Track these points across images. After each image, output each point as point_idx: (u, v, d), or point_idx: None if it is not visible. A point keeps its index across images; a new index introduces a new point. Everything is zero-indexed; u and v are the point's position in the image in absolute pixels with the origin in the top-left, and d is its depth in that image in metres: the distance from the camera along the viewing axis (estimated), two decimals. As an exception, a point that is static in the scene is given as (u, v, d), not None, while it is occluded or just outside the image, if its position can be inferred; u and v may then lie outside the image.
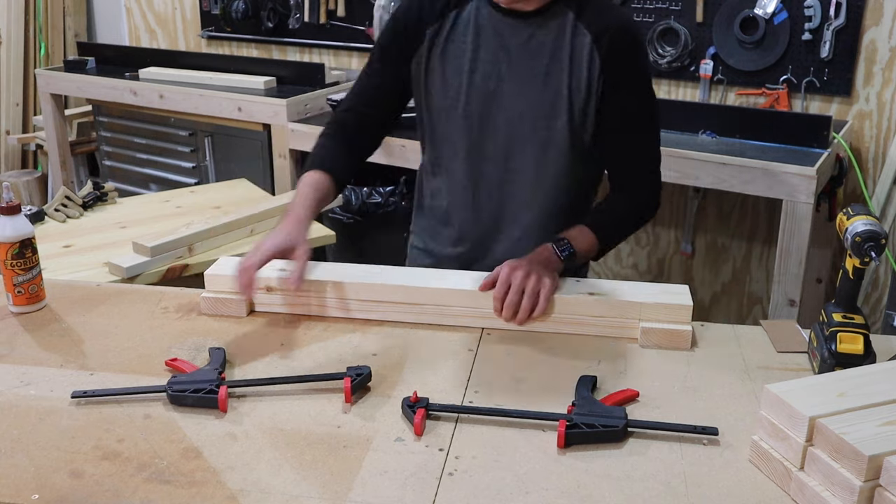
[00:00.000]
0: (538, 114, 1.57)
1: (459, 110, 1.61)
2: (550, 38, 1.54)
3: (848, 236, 1.27)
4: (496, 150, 1.63)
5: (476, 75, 1.58)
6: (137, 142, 3.77)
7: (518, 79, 1.56)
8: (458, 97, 1.60)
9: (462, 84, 1.59)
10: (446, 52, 1.60)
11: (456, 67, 1.59)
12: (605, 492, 1.06)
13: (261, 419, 1.21)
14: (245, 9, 3.90)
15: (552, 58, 1.54)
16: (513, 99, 1.57)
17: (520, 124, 1.59)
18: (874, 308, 2.97)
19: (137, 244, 2.04)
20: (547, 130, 1.58)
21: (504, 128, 1.60)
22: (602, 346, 1.43)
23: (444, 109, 1.63)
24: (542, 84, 1.55)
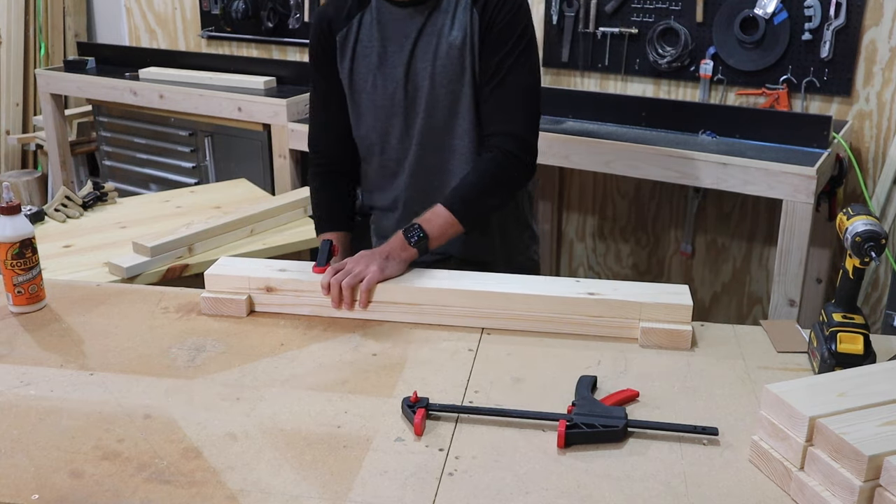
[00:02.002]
0: (444, 80, 1.67)
1: (377, 101, 1.72)
2: (441, 16, 1.66)
3: (848, 236, 1.27)
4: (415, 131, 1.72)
5: (386, 66, 1.70)
6: (137, 142, 3.77)
7: (419, 57, 1.68)
8: (374, 90, 1.71)
9: (376, 77, 1.71)
10: (356, 52, 1.72)
11: (368, 64, 1.71)
12: (605, 492, 1.06)
13: (260, 419, 1.21)
14: (245, 9, 3.90)
15: (442, 31, 1.66)
16: (418, 77, 1.68)
17: (432, 95, 1.68)
18: (874, 308, 2.97)
19: (137, 244, 2.04)
20: (449, 96, 1.68)
21: (418, 108, 1.70)
22: (602, 346, 1.43)
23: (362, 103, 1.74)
24: (446, 57, 1.66)
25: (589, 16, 3.14)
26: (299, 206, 2.41)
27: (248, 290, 1.54)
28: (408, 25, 1.67)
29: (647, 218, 3.34)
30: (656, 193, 3.27)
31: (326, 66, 1.75)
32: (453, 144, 1.73)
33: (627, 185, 3.31)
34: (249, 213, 2.28)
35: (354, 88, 1.74)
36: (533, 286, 1.50)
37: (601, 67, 3.19)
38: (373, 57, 1.70)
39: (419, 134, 1.73)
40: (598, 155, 2.63)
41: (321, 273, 1.54)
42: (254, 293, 1.54)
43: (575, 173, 3.36)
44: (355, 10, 1.72)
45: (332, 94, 1.78)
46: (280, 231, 2.32)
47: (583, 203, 3.45)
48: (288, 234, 2.31)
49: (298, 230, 2.34)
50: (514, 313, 1.47)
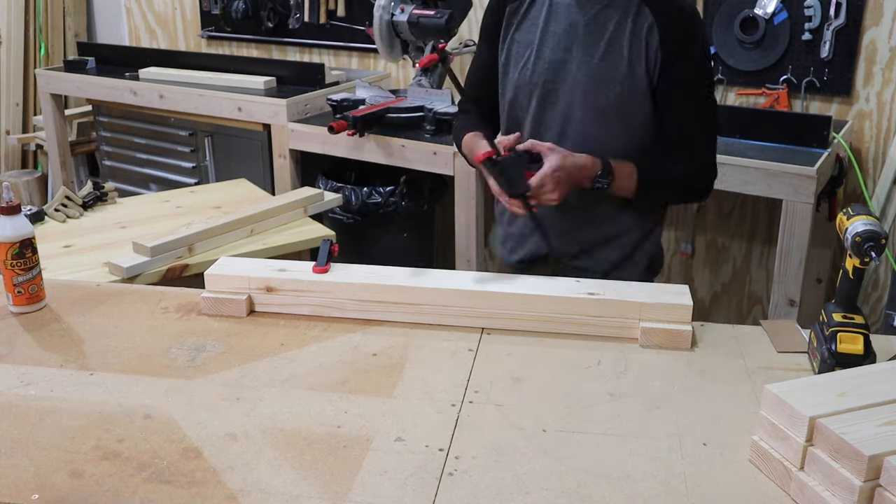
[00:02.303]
0: (594, 84, 1.66)
1: (526, 79, 1.72)
2: (615, 16, 1.64)
3: (848, 236, 1.27)
4: (555, 117, 1.71)
5: (545, 48, 1.69)
6: (137, 142, 3.77)
7: (581, 52, 1.66)
8: (526, 67, 1.72)
9: (532, 56, 1.71)
10: (521, 27, 1.73)
11: (527, 41, 1.72)
12: (605, 492, 1.06)
13: (260, 419, 1.21)
14: (245, 9, 3.89)
15: (614, 33, 1.64)
16: (574, 70, 1.67)
17: (577, 94, 1.67)
18: (874, 308, 2.97)
19: (137, 244, 2.04)
20: (602, 100, 1.66)
21: (564, 97, 1.69)
22: (602, 346, 1.43)
23: (514, 80, 1.74)
24: (602, 57, 1.64)
25: (589, 16, 3.13)
26: (299, 206, 2.41)
27: (248, 290, 1.54)
28: (576, 14, 1.66)
29: (647, 218, 3.33)
30: (656, 193, 3.27)
31: (492, 34, 1.78)
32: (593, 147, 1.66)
33: (627, 185, 3.30)
34: (249, 213, 2.28)
35: (509, 62, 1.75)
36: (533, 286, 1.50)
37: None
38: (534, 35, 1.70)
39: (558, 124, 1.71)
40: (598, 155, 2.62)
41: (321, 273, 1.54)
42: (254, 293, 1.54)
43: (575, 173, 3.35)
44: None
45: (492, 58, 1.80)
46: (280, 231, 2.32)
47: (583, 203, 3.45)
48: (288, 234, 2.31)
49: (298, 230, 2.34)
50: (514, 313, 1.47)
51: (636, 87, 1.64)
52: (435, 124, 2.94)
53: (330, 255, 1.58)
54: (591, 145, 1.65)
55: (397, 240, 3.23)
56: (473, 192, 2.86)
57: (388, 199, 3.12)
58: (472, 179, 2.85)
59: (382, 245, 3.22)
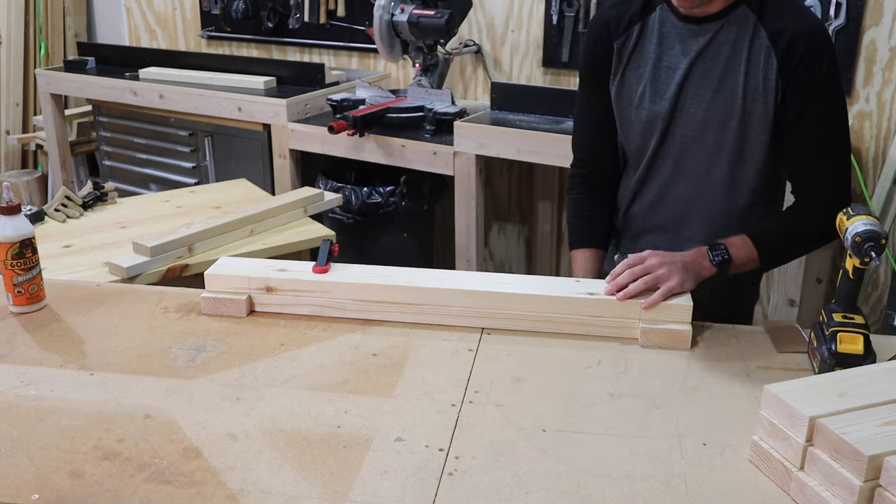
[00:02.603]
0: (710, 116, 1.57)
1: (643, 116, 1.63)
2: (730, 41, 1.53)
3: (848, 236, 1.27)
4: (672, 150, 1.63)
5: (658, 81, 1.60)
6: (137, 142, 3.77)
7: (695, 82, 1.57)
8: (641, 106, 1.62)
9: (646, 90, 1.61)
10: (631, 61, 1.63)
11: (639, 75, 1.62)
12: (605, 492, 1.06)
13: (260, 419, 1.21)
14: (245, 9, 3.89)
15: (729, 61, 1.53)
16: (689, 101, 1.58)
17: (692, 127, 1.59)
18: (874, 308, 2.97)
19: (137, 244, 2.04)
20: (718, 133, 1.57)
21: (679, 130, 1.61)
22: (602, 346, 1.43)
23: (629, 116, 1.66)
24: (717, 87, 1.55)
25: (589, 16, 3.14)
26: (299, 206, 2.41)
27: (248, 290, 1.54)
28: (689, 43, 1.56)
29: (647, 218, 3.33)
30: (656, 193, 3.27)
31: (599, 73, 1.67)
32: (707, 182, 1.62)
33: (627, 185, 3.30)
34: (249, 213, 2.28)
35: (622, 98, 1.65)
36: (533, 286, 1.50)
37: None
38: (647, 69, 1.60)
39: (673, 161, 1.64)
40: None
41: (321, 273, 1.54)
42: (254, 293, 1.54)
43: (575, 173, 3.35)
44: (637, 17, 1.61)
45: (600, 103, 1.69)
46: (280, 231, 2.32)
47: (583, 203, 3.45)
48: (288, 234, 2.31)
49: (298, 230, 2.34)
50: (514, 313, 1.47)
51: (753, 122, 1.54)
52: (435, 124, 2.94)
53: (330, 255, 1.58)
54: (707, 184, 1.61)
55: (397, 240, 3.23)
56: (473, 193, 2.86)
57: (388, 199, 3.12)
58: (472, 180, 2.85)
59: (382, 245, 3.22)
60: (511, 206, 3.63)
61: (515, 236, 3.68)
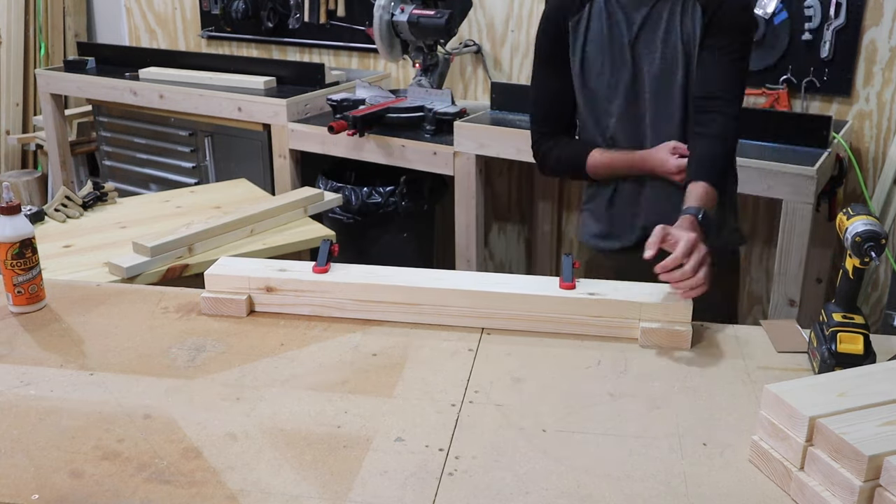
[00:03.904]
0: (660, 72, 1.78)
1: (605, 85, 1.83)
2: (667, 8, 1.77)
3: (848, 236, 1.27)
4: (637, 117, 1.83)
5: (614, 49, 1.81)
6: (137, 142, 3.77)
7: (644, 46, 1.79)
8: (602, 75, 1.83)
9: (605, 60, 1.82)
10: (588, 36, 1.83)
11: (597, 48, 1.83)
12: (605, 492, 1.06)
13: (260, 419, 1.21)
14: (245, 9, 3.89)
15: (668, 23, 1.77)
16: (640, 63, 1.80)
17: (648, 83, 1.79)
18: (874, 308, 2.97)
19: (137, 244, 2.05)
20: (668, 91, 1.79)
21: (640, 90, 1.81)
22: (602, 346, 1.43)
23: (593, 89, 1.85)
24: (662, 47, 1.78)
25: (589, 16, 3.13)
26: (299, 206, 2.41)
27: (248, 290, 1.54)
28: (633, 13, 1.79)
29: (647, 218, 3.33)
30: (656, 193, 3.27)
31: (557, 48, 1.86)
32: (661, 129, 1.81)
33: (627, 185, 3.30)
34: (249, 213, 2.28)
35: (584, 72, 1.84)
36: (533, 286, 1.50)
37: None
38: (602, 42, 1.81)
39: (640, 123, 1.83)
40: (598, 155, 2.62)
41: (321, 273, 1.54)
42: (254, 293, 1.54)
43: (575, 173, 3.35)
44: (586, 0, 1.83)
45: (558, 73, 1.88)
46: (280, 231, 2.32)
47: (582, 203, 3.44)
48: (288, 234, 2.31)
49: (298, 230, 2.34)
50: (514, 313, 1.47)
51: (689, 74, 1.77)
52: (435, 124, 2.94)
53: (330, 255, 1.58)
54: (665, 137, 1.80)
55: (397, 240, 3.23)
56: (473, 193, 2.86)
57: (388, 199, 3.12)
58: (472, 180, 2.85)
59: (382, 245, 3.22)
60: (511, 206, 3.63)
61: (515, 236, 3.68)
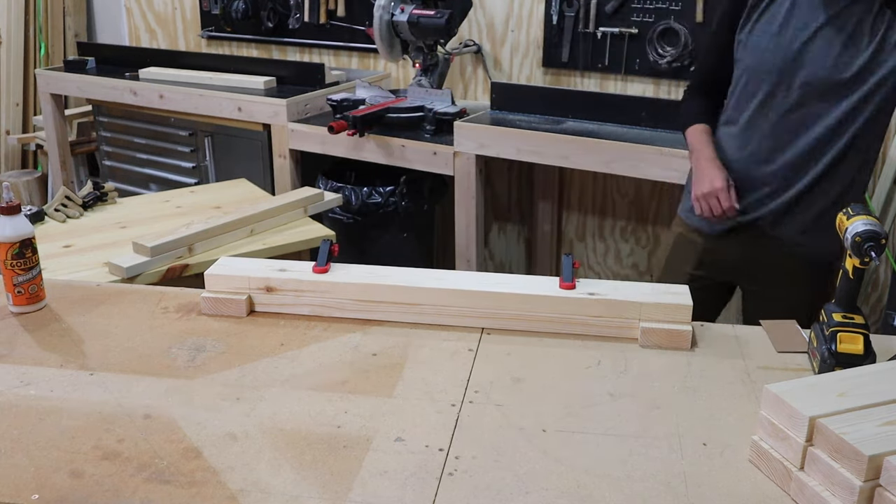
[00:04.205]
0: (833, 75, 1.71)
1: (762, 67, 1.78)
2: (858, 13, 1.69)
3: (848, 236, 1.27)
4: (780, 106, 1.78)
5: (785, 34, 1.74)
6: (137, 142, 3.77)
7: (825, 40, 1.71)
8: (765, 56, 1.77)
9: (770, 45, 1.76)
10: (761, 19, 1.78)
11: (768, 31, 1.77)
12: (605, 492, 1.06)
13: (260, 419, 1.21)
14: (245, 9, 3.89)
15: (858, 25, 1.68)
16: (815, 58, 1.72)
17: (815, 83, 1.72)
18: (874, 308, 2.97)
19: (137, 244, 2.05)
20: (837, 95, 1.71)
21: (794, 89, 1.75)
22: (602, 346, 1.43)
23: (750, 67, 1.81)
24: (842, 48, 1.69)
25: (589, 16, 3.14)
26: (299, 206, 2.41)
27: (248, 290, 1.54)
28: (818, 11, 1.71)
29: (647, 218, 3.34)
30: (656, 193, 3.27)
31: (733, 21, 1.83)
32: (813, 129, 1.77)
33: (627, 185, 3.31)
34: (249, 213, 2.28)
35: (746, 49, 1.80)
36: (533, 286, 1.50)
37: (601, 67, 3.19)
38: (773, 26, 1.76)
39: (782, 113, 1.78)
40: (598, 155, 2.63)
41: (321, 273, 1.54)
42: (254, 293, 1.54)
43: (575, 173, 3.36)
44: None
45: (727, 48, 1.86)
46: (280, 231, 2.32)
47: (583, 203, 3.45)
48: (288, 234, 2.31)
49: (298, 230, 2.34)
50: (514, 313, 1.47)
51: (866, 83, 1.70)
52: (435, 124, 2.94)
53: (330, 255, 1.58)
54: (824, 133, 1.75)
55: (397, 240, 3.23)
56: (473, 192, 2.86)
57: (388, 199, 3.12)
58: (472, 179, 2.85)
59: (382, 245, 3.22)
60: (511, 206, 3.63)
61: (515, 236, 3.68)
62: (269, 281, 1.53)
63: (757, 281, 1.96)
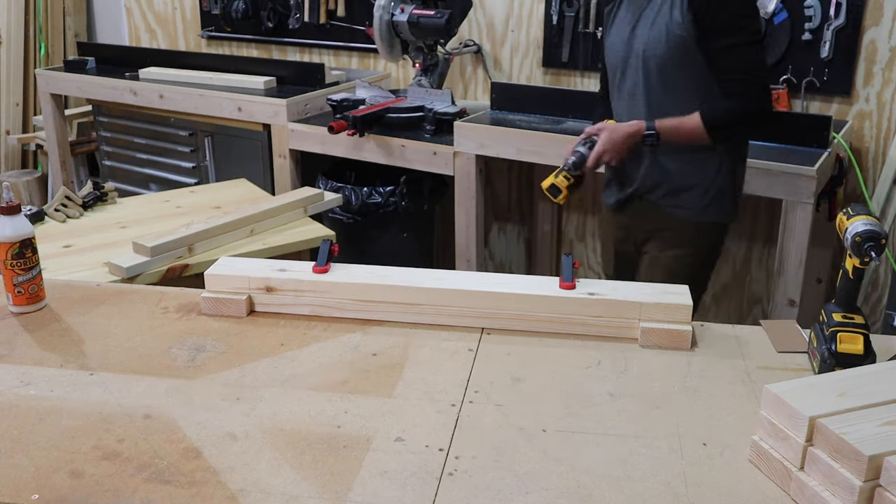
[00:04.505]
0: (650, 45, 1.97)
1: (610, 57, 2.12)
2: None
3: (848, 236, 1.27)
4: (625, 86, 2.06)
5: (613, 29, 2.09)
6: (137, 142, 3.77)
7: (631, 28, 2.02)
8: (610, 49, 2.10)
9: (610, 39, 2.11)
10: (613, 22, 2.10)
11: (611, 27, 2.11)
12: (605, 492, 1.06)
13: (260, 419, 1.21)
14: (245, 9, 3.89)
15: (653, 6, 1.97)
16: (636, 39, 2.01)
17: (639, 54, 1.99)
18: (874, 308, 2.97)
19: (137, 244, 2.05)
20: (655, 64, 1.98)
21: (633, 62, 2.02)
22: (602, 346, 1.43)
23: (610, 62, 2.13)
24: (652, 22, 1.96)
25: (589, 16, 3.14)
26: (299, 206, 2.41)
27: (248, 290, 1.54)
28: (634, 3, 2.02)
29: (647, 218, 3.33)
30: (656, 193, 3.27)
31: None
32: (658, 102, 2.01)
33: (627, 185, 3.30)
34: (249, 213, 2.28)
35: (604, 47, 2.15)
36: (533, 286, 1.50)
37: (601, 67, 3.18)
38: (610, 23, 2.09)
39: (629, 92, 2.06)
40: (598, 155, 2.62)
41: (321, 273, 1.54)
42: (254, 293, 1.54)
43: (575, 173, 3.35)
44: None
45: None
46: (280, 231, 2.32)
47: (583, 203, 3.45)
48: (288, 234, 2.31)
49: (298, 230, 2.34)
50: (514, 313, 1.47)
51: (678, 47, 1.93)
52: (435, 124, 2.94)
53: (330, 255, 1.58)
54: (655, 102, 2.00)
55: (397, 240, 3.23)
56: (473, 192, 2.86)
57: (388, 199, 3.12)
58: (472, 180, 2.85)
59: (382, 245, 3.22)
60: (511, 206, 3.63)
61: (515, 236, 3.68)
62: (269, 281, 1.53)
63: (652, 245, 2.16)
